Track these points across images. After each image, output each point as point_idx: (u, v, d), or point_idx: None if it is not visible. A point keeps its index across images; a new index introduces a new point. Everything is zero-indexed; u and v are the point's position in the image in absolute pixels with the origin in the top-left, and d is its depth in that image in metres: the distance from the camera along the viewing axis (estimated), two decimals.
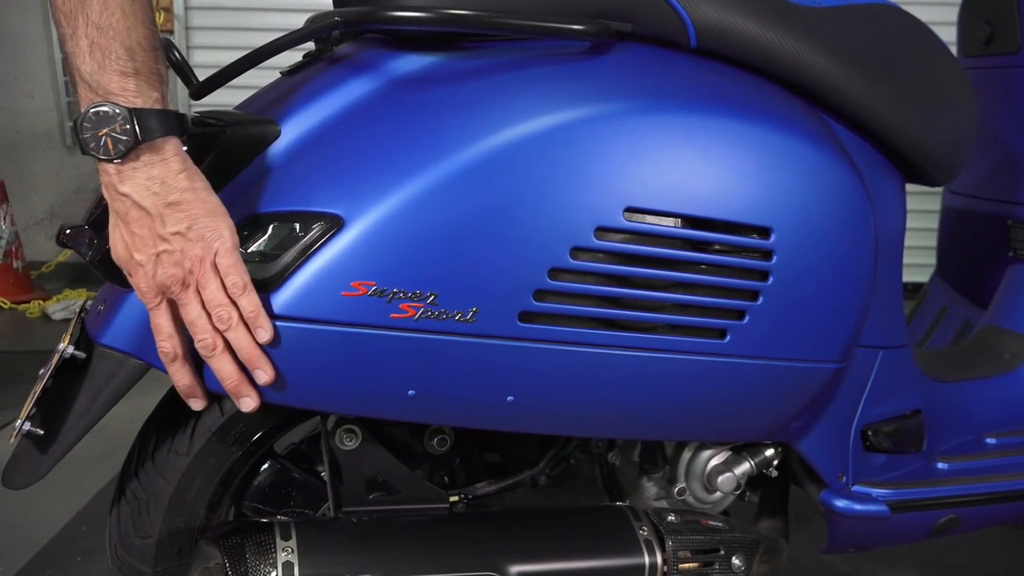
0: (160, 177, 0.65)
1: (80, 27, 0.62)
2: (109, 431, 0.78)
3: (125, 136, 0.63)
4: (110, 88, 0.63)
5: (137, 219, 0.66)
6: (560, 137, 0.73)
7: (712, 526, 0.89)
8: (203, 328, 0.69)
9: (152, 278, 0.67)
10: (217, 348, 0.69)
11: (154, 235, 0.66)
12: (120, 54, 0.63)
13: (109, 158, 0.64)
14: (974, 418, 1.20)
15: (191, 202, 0.66)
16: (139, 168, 0.65)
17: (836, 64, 0.89)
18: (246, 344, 0.69)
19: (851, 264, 0.85)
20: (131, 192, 0.65)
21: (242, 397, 0.71)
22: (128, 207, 0.66)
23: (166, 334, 0.70)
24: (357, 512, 0.84)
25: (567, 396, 0.78)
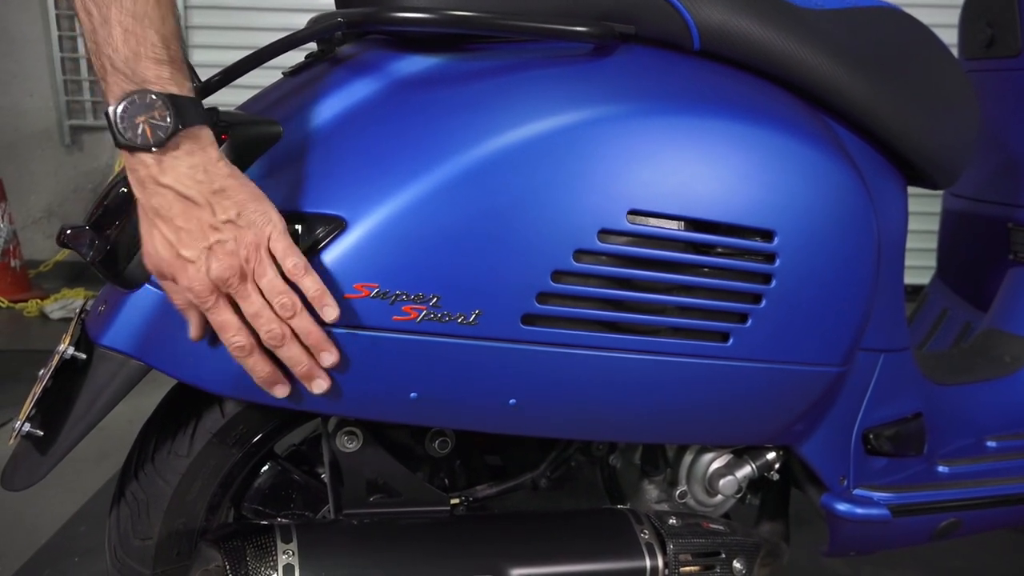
0: (202, 165, 0.63)
1: (113, 15, 0.60)
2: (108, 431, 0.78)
3: (165, 123, 0.61)
4: (146, 76, 0.61)
5: (182, 212, 0.63)
6: (563, 139, 0.73)
7: (713, 529, 0.89)
8: (269, 318, 0.66)
9: (207, 273, 0.64)
10: (287, 336, 0.67)
11: (204, 227, 0.64)
12: (155, 42, 0.61)
13: (148, 146, 0.62)
14: (975, 421, 1.20)
15: (236, 188, 0.65)
16: (180, 157, 0.63)
17: (839, 67, 0.88)
18: (313, 327, 0.68)
19: (853, 267, 0.85)
20: (174, 183, 0.63)
21: (315, 379, 0.70)
22: (171, 200, 0.63)
23: (236, 327, 0.67)
24: (358, 514, 0.84)
25: (570, 399, 0.78)
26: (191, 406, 0.83)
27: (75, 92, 3.68)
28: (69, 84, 3.66)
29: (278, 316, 0.67)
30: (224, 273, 0.64)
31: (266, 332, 0.67)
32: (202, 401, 0.82)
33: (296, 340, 0.68)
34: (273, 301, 0.66)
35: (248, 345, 0.68)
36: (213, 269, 0.64)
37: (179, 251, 0.64)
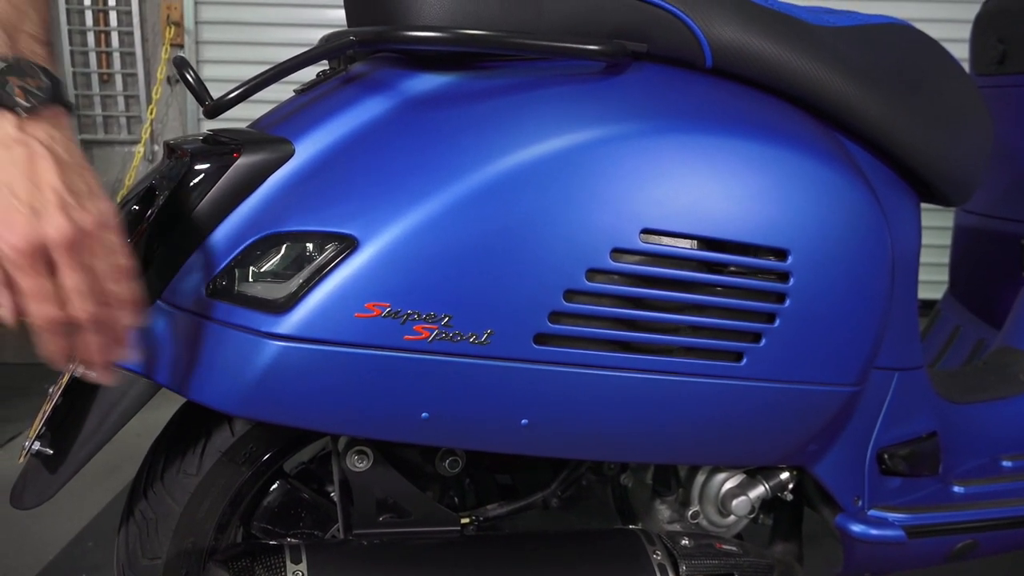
0: (61, 139, 0.63)
1: None
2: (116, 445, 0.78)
3: (40, 92, 0.61)
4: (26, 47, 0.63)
5: (41, 162, 0.61)
6: (576, 158, 0.73)
7: (726, 550, 0.88)
8: (89, 299, 0.63)
9: (36, 231, 0.60)
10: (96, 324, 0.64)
11: (51, 181, 0.61)
12: (36, 20, 0.63)
13: (14, 106, 0.61)
14: (989, 440, 1.18)
15: (90, 172, 0.64)
16: (42, 124, 0.62)
17: (851, 84, 0.88)
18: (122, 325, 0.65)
19: (868, 286, 0.84)
20: (39, 135, 0.61)
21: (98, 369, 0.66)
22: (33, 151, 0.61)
23: (52, 297, 0.62)
24: (368, 534, 0.84)
25: (582, 419, 0.77)
26: (200, 425, 0.82)
27: (86, 107, 3.70)
28: (80, 98, 3.68)
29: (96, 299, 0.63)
30: (59, 235, 0.60)
31: (84, 311, 0.63)
32: (211, 419, 0.82)
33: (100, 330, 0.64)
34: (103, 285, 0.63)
35: (58, 319, 0.63)
36: (48, 229, 0.60)
37: (15, 198, 0.60)
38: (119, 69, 3.69)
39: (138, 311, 0.66)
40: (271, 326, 0.70)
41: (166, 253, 0.72)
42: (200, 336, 0.71)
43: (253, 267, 0.71)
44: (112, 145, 3.75)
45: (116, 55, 3.67)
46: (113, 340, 0.66)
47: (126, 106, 3.73)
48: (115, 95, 3.72)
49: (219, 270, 0.71)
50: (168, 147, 0.77)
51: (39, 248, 0.61)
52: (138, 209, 0.74)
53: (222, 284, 0.71)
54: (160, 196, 0.73)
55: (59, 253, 0.61)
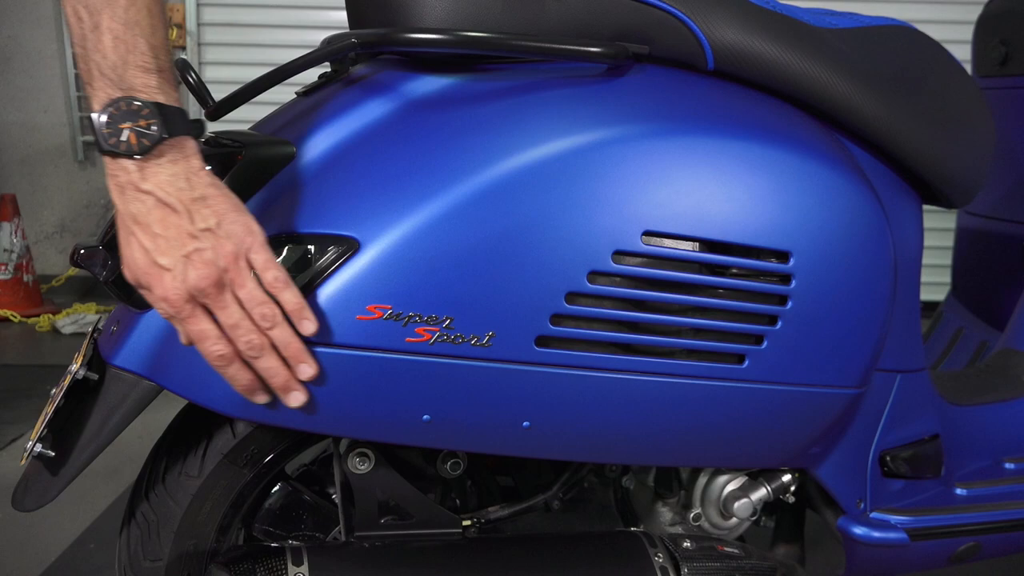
0: (184, 174, 0.63)
1: (104, 21, 0.60)
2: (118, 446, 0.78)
3: (150, 131, 0.61)
4: (133, 83, 0.61)
5: (161, 219, 0.62)
6: (578, 160, 0.73)
7: (728, 552, 0.88)
8: (247, 328, 0.65)
9: (183, 283, 0.63)
10: (265, 347, 0.66)
11: (182, 234, 0.63)
12: (144, 50, 0.61)
13: (131, 153, 0.61)
14: (992, 442, 1.18)
15: (217, 198, 0.64)
16: (163, 165, 0.62)
17: (853, 86, 0.88)
18: (292, 339, 0.67)
19: (870, 288, 0.84)
20: (154, 189, 0.62)
21: (292, 392, 0.69)
22: (150, 207, 0.62)
23: (215, 336, 0.65)
24: (369, 536, 0.84)
25: (584, 422, 0.77)
26: (202, 426, 0.82)
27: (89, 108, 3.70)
28: (83, 100, 3.68)
29: (256, 327, 0.66)
30: (201, 282, 0.63)
31: (244, 342, 0.65)
32: (213, 421, 0.82)
33: (274, 352, 0.67)
34: (253, 312, 0.65)
35: (228, 354, 0.66)
36: (190, 278, 0.63)
37: (155, 259, 0.63)
38: None
39: (308, 319, 0.67)
40: None
41: None
42: None
43: None
44: None
45: None
46: (293, 357, 0.67)
47: None
48: None
49: None
50: None
51: (187, 299, 0.63)
52: None
53: None
54: None
55: (205, 298, 0.64)
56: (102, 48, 0.61)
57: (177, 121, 0.62)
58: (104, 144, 0.61)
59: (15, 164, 3.69)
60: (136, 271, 0.64)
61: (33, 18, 3.61)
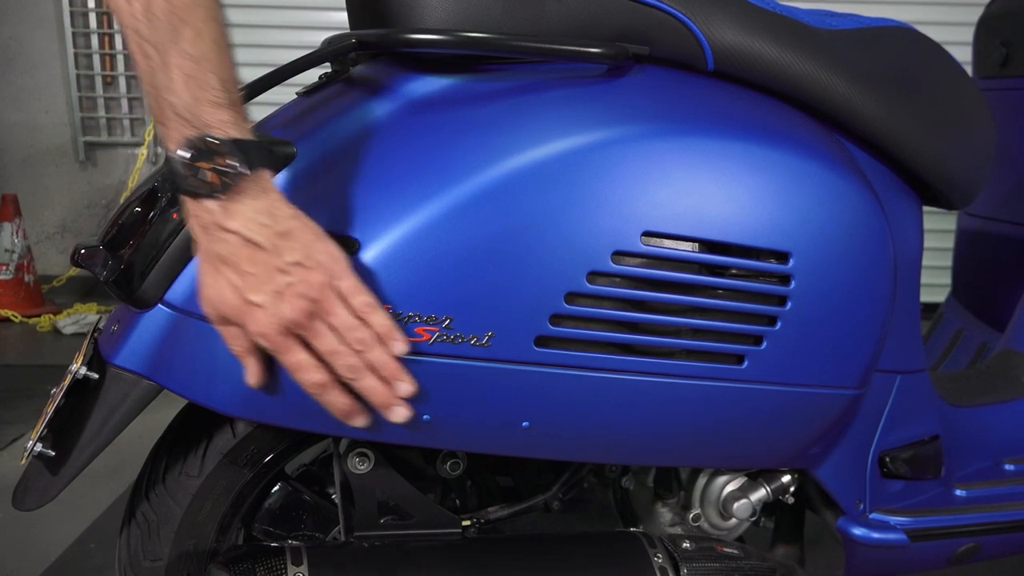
0: (266, 208, 0.62)
1: (173, 59, 0.59)
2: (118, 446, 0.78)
3: (230, 169, 0.60)
4: (207, 120, 0.60)
5: (249, 257, 0.62)
6: (577, 160, 0.73)
7: (727, 553, 0.88)
8: (345, 353, 0.66)
9: (277, 317, 0.63)
10: (364, 368, 0.67)
11: (271, 270, 0.63)
12: (215, 85, 0.60)
13: (213, 193, 0.60)
14: (992, 444, 1.18)
15: (300, 229, 0.64)
16: (245, 202, 0.61)
17: (853, 87, 0.88)
18: (387, 360, 0.68)
19: (869, 289, 0.84)
20: (240, 228, 0.62)
21: (394, 407, 0.69)
22: (236, 246, 0.62)
23: (312, 365, 0.66)
24: (369, 536, 0.84)
25: (583, 422, 0.77)
26: (202, 426, 0.82)
27: (90, 109, 3.71)
28: (84, 101, 3.69)
29: (352, 350, 0.66)
30: (295, 315, 0.64)
31: (344, 367, 0.66)
32: (213, 421, 0.82)
33: (372, 372, 0.68)
34: (348, 337, 0.66)
35: (326, 381, 0.67)
36: (284, 312, 0.63)
37: (247, 296, 0.63)
38: (123, 71, 3.70)
39: (398, 339, 0.68)
40: None
41: (167, 255, 0.72)
42: (202, 338, 0.71)
43: None
44: (116, 147, 3.76)
45: (120, 57, 3.69)
46: (391, 376, 0.68)
47: (130, 108, 3.74)
48: (118, 97, 3.73)
49: None
50: None
51: (282, 332, 0.64)
52: (140, 211, 0.74)
53: None
54: (162, 198, 0.73)
55: (300, 329, 0.64)
56: (173, 87, 0.59)
57: (255, 155, 0.62)
58: (184, 185, 0.61)
59: (16, 164, 3.70)
60: (226, 309, 0.65)
61: (34, 18, 3.62)
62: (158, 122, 0.62)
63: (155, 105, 0.61)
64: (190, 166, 0.60)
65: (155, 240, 0.72)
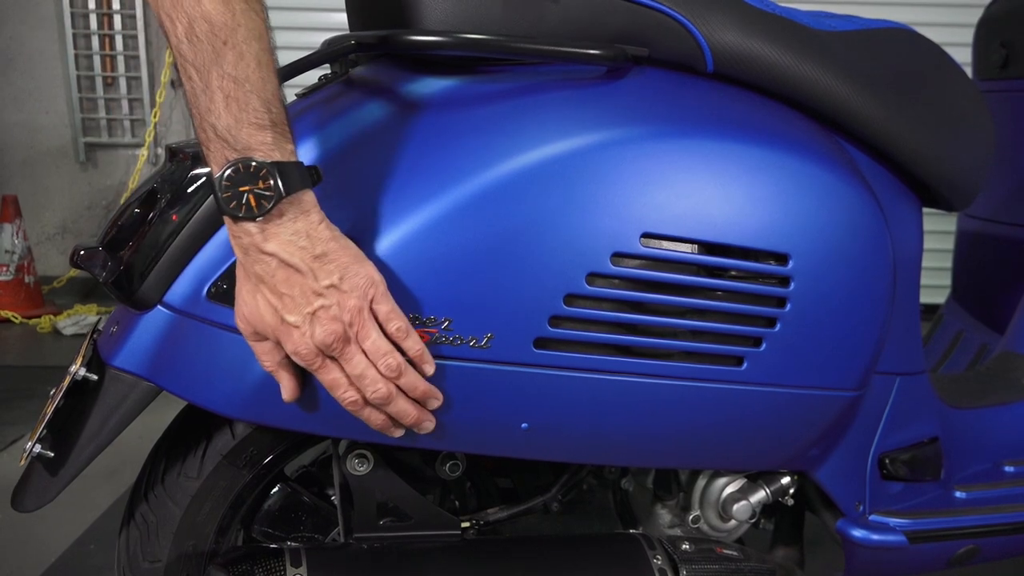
0: (304, 231, 0.63)
1: (214, 80, 0.59)
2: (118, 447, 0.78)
3: (269, 192, 0.60)
4: (249, 143, 0.60)
5: (285, 279, 0.63)
6: (577, 162, 0.73)
7: (727, 555, 0.88)
8: (374, 378, 0.67)
9: (311, 339, 0.64)
10: (392, 394, 0.68)
11: (307, 292, 0.63)
12: (257, 106, 0.60)
13: (252, 216, 0.61)
14: (992, 446, 1.18)
15: (338, 251, 0.64)
16: (283, 224, 0.62)
17: (853, 88, 0.88)
18: (419, 383, 0.69)
19: (869, 291, 0.84)
20: (277, 250, 0.62)
21: (424, 423, 0.71)
22: (274, 268, 0.63)
23: (346, 384, 0.67)
24: (368, 538, 0.83)
25: (582, 423, 0.77)
26: (201, 428, 0.82)
27: (90, 110, 3.71)
28: (84, 102, 3.69)
29: (383, 375, 0.67)
30: (328, 338, 0.64)
31: (372, 393, 0.67)
32: (212, 423, 0.82)
33: (402, 395, 0.69)
34: (378, 362, 0.66)
35: (361, 399, 0.68)
36: (317, 334, 0.64)
37: (283, 316, 0.64)
38: (123, 72, 3.70)
39: (429, 363, 0.69)
40: None
41: (167, 257, 0.72)
42: (201, 340, 0.72)
43: None
44: (116, 148, 3.76)
45: (120, 58, 3.69)
46: (421, 397, 0.69)
47: (130, 109, 3.75)
48: (119, 98, 3.73)
49: (220, 274, 0.71)
50: (170, 151, 0.77)
51: (317, 353, 0.65)
52: (140, 212, 0.74)
53: (223, 288, 0.71)
54: (162, 200, 0.73)
55: (332, 351, 0.65)
56: (215, 108, 0.59)
57: (295, 177, 0.62)
58: (225, 208, 0.61)
59: (16, 165, 3.70)
60: (263, 327, 0.66)
61: (35, 19, 3.62)
62: (200, 143, 0.62)
63: (197, 124, 0.61)
64: (231, 188, 0.60)
65: (154, 241, 0.72)
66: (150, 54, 3.65)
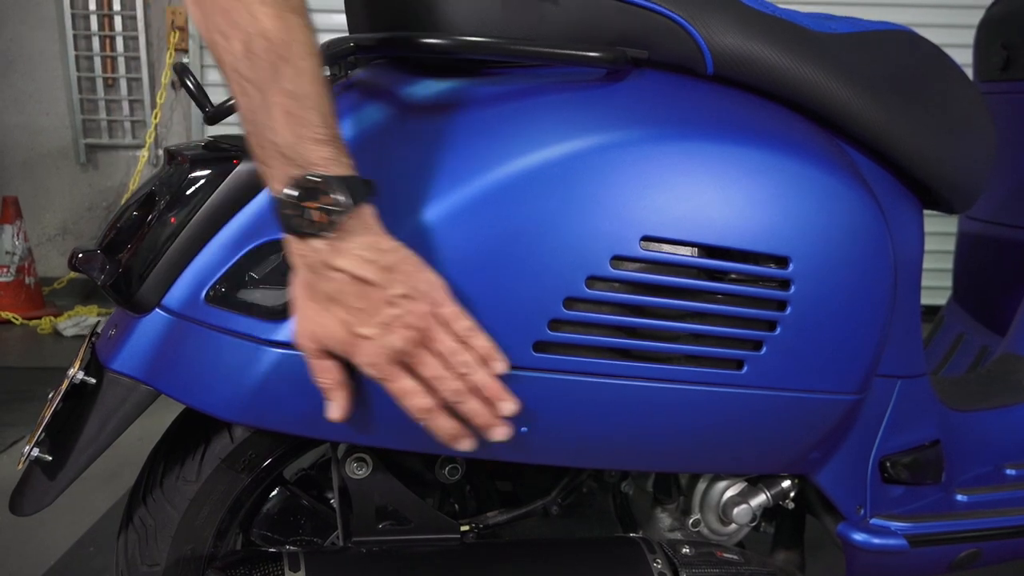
0: (372, 244, 0.62)
1: (273, 97, 0.58)
2: (117, 450, 0.78)
3: (336, 206, 0.60)
4: (310, 158, 0.59)
5: (357, 293, 0.62)
6: (576, 165, 0.73)
7: (727, 559, 0.88)
8: (449, 378, 0.67)
9: (386, 348, 0.64)
10: (467, 391, 0.67)
11: (379, 304, 0.63)
12: (316, 121, 0.59)
13: (321, 232, 0.60)
14: (993, 448, 1.18)
15: (403, 261, 0.64)
16: (351, 238, 0.62)
17: (853, 91, 0.88)
18: (490, 381, 0.68)
19: (869, 294, 0.84)
20: (347, 266, 0.62)
21: (495, 428, 0.70)
22: (343, 283, 0.62)
23: (419, 392, 0.67)
24: (367, 542, 0.83)
25: (582, 427, 0.77)
26: (200, 431, 0.82)
27: (91, 111, 3.71)
28: (85, 103, 3.69)
29: (456, 374, 0.67)
30: (404, 345, 0.64)
31: (450, 391, 0.67)
32: (211, 426, 0.81)
33: (475, 395, 0.68)
34: (452, 361, 0.67)
35: (433, 407, 0.67)
36: (395, 343, 0.64)
37: (356, 330, 0.64)
38: (124, 74, 3.70)
39: (499, 360, 0.69)
40: (270, 333, 0.70)
41: (165, 259, 0.71)
42: (199, 343, 0.71)
43: (252, 274, 0.71)
44: (117, 150, 3.77)
45: (121, 60, 3.69)
46: (494, 396, 0.69)
47: (131, 111, 3.75)
48: (120, 100, 3.73)
49: (218, 277, 0.71)
50: (168, 153, 0.77)
51: (392, 361, 0.65)
52: (138, 215, 0.74)
53: (221, 291, 0.71)
54: (160, 202, 0.73)
55: (407, 357, 0.65)
56: (274, 126, 0.59)
57: (359, 190, 0.61)
58: (292, 225, 0.60)
59: (17, 166, 3.70)
60: (333, 342, 0.65)
61: (35, 20, 3.62)
62: (259, 161, 0.61)
63: (255, 144, 0.61)
64: (296, 206, 0.60)
65: (153, 244, 0.72)
66: (151, 56, 3.65)
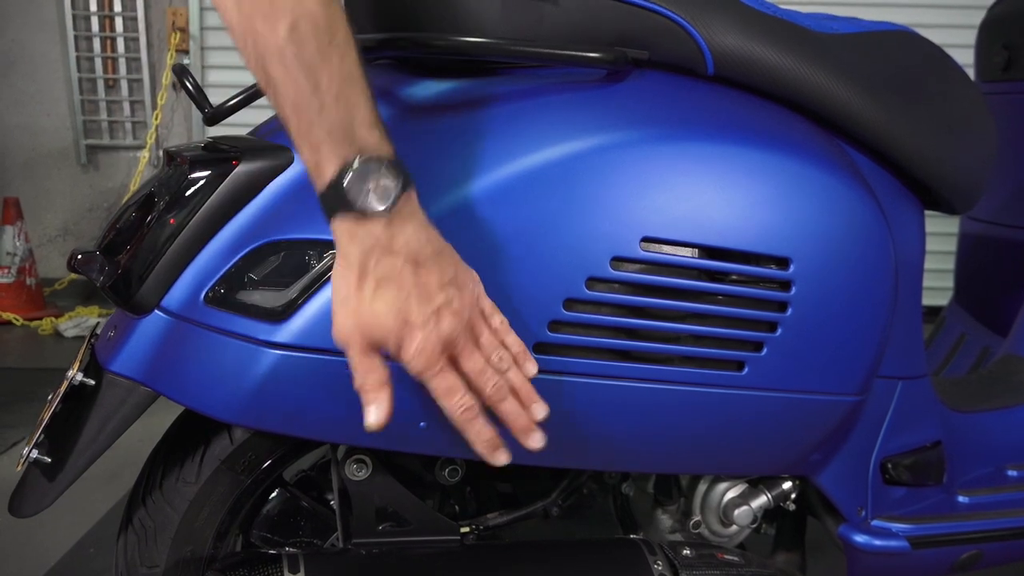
0: (422, 227, 0.62)
1: (324, 80, 0.58)
2: (117, 451, 0.77)
3: (391, 185, 0.59)
4: (364, 140, 0.59)
5: (412, 275, 0.61)
6: (576, 165, 0.72)
7: (728, 560, 0.88)
8: (492, 374, 0.66)
9: (437, 335, 0.63)
10: (507, 389, 0.67)
11: (431, 289, 0.62)
12: (365, 104, 0.59)
13: (378, 214, 0.59)
14: (994, 450, 1.17)
15: (448, 249, 0.64)
16: (406, 219, 0.61)
17: (854, 91, 0.88)
18: (523, 381, 0.68)
19: (870, 295, 0.84)
20: (404, 247, 0.61)
21: (533, 433, 0.69)
22: (401, 266, 0.61)
23: (463, 389, 0.65)
24: (367, 543, 0.83)
25: (582, 429, 0.77)
26: (199, 433, 0.82)
27: (92, 112, 3.72)
28: (86, 104, 3.69)
29: (496, 370, 0.66)
30: (453, 334, 0.63)
31: (492, 387, 0.66)
32: (210, 428, 0.81)
33: (512, 395, 0.68)
34: (491, 357, 0.66)
35: (475, 406, 0.66)
36: (444, 329, 0.63)
37: (407, 317, 0.62)
38: (124, 75, 3.70)
39: (531, 360, 0.68)
40: (270, 334, 0.70)
41: (164, 261, 0.71)
42: (199, 344, 0.71)
43: (252, 275, 0.71)
44: (117, 150, 3.77)
45: (122, 61, 3.69)
46: (527, 398, 0.68)
47: (131, 111, 3.75)
48: (120, 100, 3.73)
49: (217, 278, 0.71)
50: (167, 154, 0.77)
51: (441, 351, 0.64)
52: (137, 216, 0.74)
53: (220, 292, 0.71)
54: (159, 203, 0.73)
55: (455, 347, 0.64)
56: (325, 109, 0.58)
57: (406, 173, 0.61)
58: (355, 206, 0.59)
59: (18, 167, 3.70)
60: (382, 332, 0.63)
61: (36, 21, 3.62)
62: (307, 148, 0.60)
63: (301, 132, 0.60)
64: (356, 188, 0.59)
65: (152, 245, 0.72)
66: (151, 56, 3.66)
